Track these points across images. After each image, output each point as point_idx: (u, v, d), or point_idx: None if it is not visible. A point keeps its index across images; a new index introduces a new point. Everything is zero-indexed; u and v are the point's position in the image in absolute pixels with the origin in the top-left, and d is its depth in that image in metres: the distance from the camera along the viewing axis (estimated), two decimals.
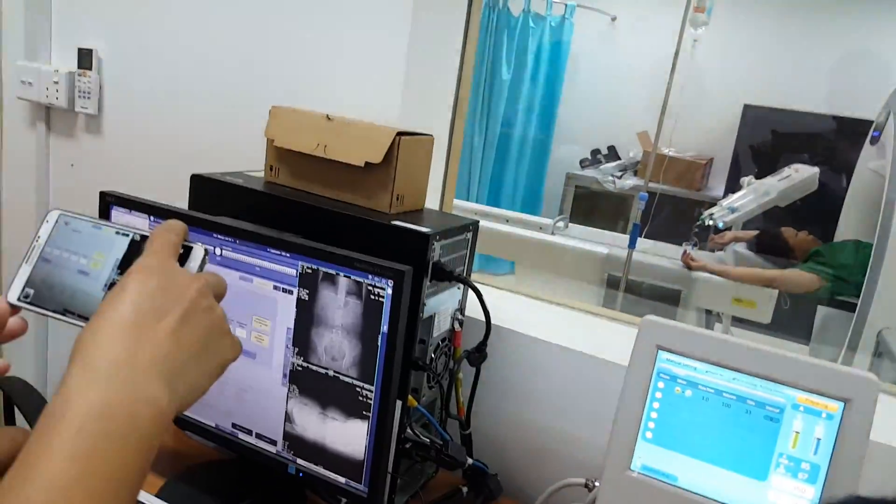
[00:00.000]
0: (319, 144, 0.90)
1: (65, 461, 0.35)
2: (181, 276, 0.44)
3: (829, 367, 0.69)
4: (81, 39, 1.38)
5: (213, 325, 0.45)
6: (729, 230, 2.78)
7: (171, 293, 0.43)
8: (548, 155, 3.86)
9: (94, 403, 0.37)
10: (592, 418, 0.98)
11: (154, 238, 0.46)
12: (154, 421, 0.39)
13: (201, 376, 0.44)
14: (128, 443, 0.37)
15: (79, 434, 0.36)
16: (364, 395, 0.75)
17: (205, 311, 0.44)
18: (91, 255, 0.48)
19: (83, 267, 0.48)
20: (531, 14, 3.58)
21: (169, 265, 0.45)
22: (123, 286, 0.42)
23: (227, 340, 0.46)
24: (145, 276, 0.43)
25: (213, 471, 0.94)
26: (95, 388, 0.38)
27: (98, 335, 0.40)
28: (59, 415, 0.37)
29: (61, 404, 0.37)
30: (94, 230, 0.49)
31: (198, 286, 0.44)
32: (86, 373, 0.39)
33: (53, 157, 1.51)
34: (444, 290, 0.87)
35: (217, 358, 0.45)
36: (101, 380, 0.38)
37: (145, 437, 0.38)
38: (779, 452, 0.72)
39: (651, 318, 0.76)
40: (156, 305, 0.42)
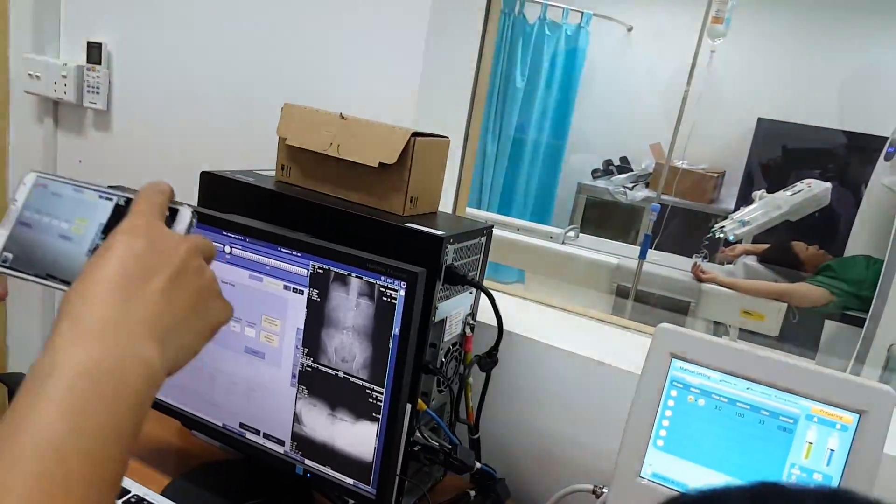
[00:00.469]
0: (332, 144, 0.90)
1: (55, 418, 0.34)
2: (169, 237, 0.43)
3: (845, 379, 0.68)
4: (91, 33, 1.38)
5: (204, 286, 0.44)
6: (739, 243, 2.77)
7: (159, 254, 0.42)
8: (560, 164, 3.85)
9: (84, 361, 0.36)
10: (601, 425, 0.97)
11: (140, 198, 0.45)
12: (146, 380, 0.38)
13: (192, 338, 0.43)
14: (119, 401, 0.37)
15: (69, 391, 0.35)
16: (374, 397, 0.75)
17: (195, 273, 0.43)
18: (73, 220, 0.47)
19: (65, 232, 0.47)
20: (547, 22, 3.58)
21: (156, 226, 0.44)
22: (110, 246, 0.41)
23: (219, 303, 0.46)
24: (132, 237, 0.42)
25: (219, 470, 0.93)
26: (85, 346, 0.37)
27: (86, 294, 0.39)
28: (48, 372, 0.36)
29: (50, 362, 0.36)
30: (76, 194, 0.48)
31: (187, 247, 0.43)
32: (75, 331, 0.38)
33: (61, 152, 1.50)
34: (456, 295, 0.87)
35: (208, 320, 0.44)
36: (91, 338, 0.37)
37: (137, 395, 0.38)
38: (791, 463, 0.71)
39: (665, 326, 0.75)
40: (144, 266, 0.41)
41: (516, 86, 3.63)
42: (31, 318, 1.60)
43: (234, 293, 0.82)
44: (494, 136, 3.68)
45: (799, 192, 2.53)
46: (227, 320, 0.47)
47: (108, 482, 0.36)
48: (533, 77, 3.66)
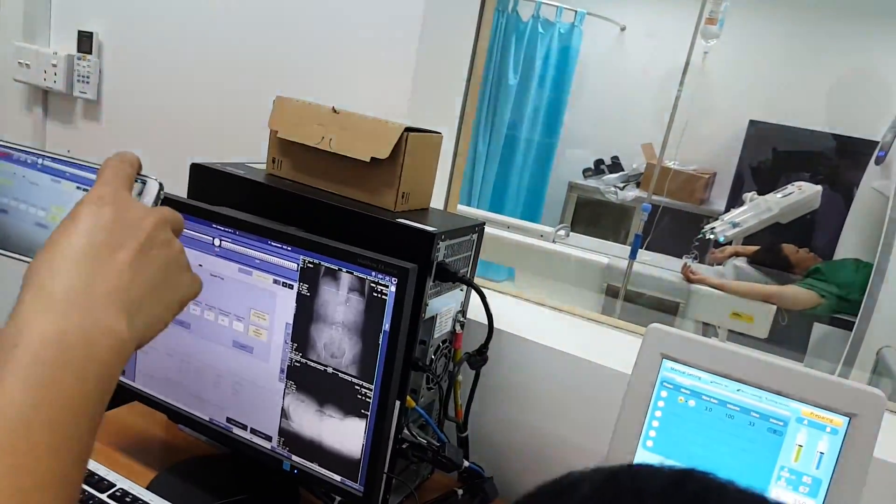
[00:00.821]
0: (325, 137, 0.89)
1: (21, 389, 0.34)
2: (136, 208, 0.43)
3: (836, 382, 0.68)
4: (82, 22, 1.36)
5: (171, 259, 0.43)
6: (729, 244, 2.78)
7: (126, 224, 0.41)
8: (551, 163, 3.85)
9: (51, 331, 0.36)
10: (591, 425, 0.97)
11: (106, 167, 0.44)
12: (113, 351, 0.38)
13: (161, 310, 0.42)
14: (86, 372, 0.36)
15: (34, 362, 0.35)
16: (363, 393, 0.74)
17: (162, 245, 0.43)
18: (49, 209, 0.47)
19: (41, 220, 0.47)
20: (541, 20, 3.58)
21: (122, 196, 0.43)
22: (76, 216, 0.40)
23: (187, 276, 0.45)
24: (98, 207, 0.41)
25: (205, 465, 0.92)
26: (51, 316, 0.36)
27: (52, 264, 0.38)
28: (12, 343, 0.35)
29: (14, 332, 0.36)
30: (53, 185, 0.48)
31: (154, 219, 0.43)
32: (40, 300, 0.37)
33: (50, 142, 1.49)
34: (447, 292, 0.86)
35: (176, 293, 0.44)
36: (57, 308, 0.37)
37: (104, 367, 0.37)
38: (780, 465, 0.71)
39: (656, 326, 0.75)
40: (111, 237, 0.40)
41: (509, 83, 3.63)
42: None
43: (223, 286, 0.80)
44: (486, 134, 3.68)
45: (789, 194, 2.54)
46: (196, 294, 0.46)
47: (75, 454, 0.35)
48: (526, 75, 3.65)
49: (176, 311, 0.44)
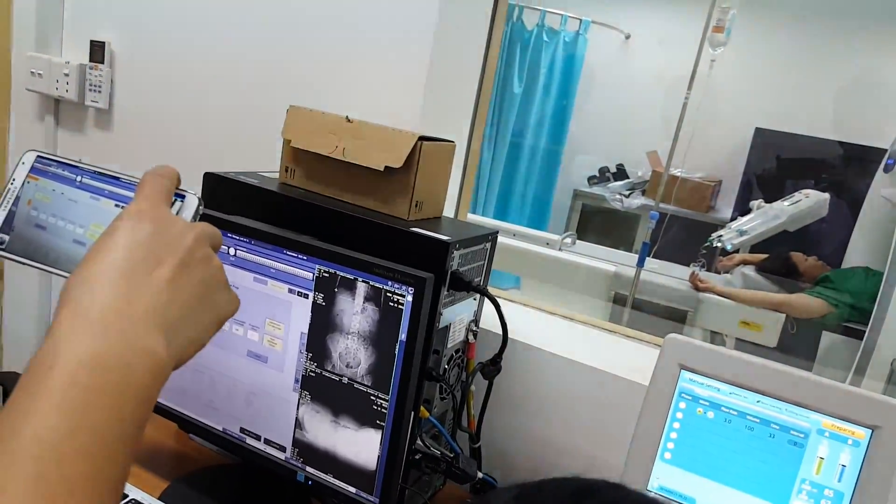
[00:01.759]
0: (338, 147, 0.89)
1: (55, 414, 0.32)
2: (175, 224, 0.42)
3: (857, 394, 0.68)
4: (94, 32, 1.37)
5: (211, 276, 0.42)
6: (737, 253, 2.77)
7: (165, 241, 0.40)
8: (557, 170, 3.85)
9: (87, 353, 0.34)
10: (606, 436, 0.96)
11: (145, 182, 0.43)
12: (151, 373, 0.37)
13: (199, 330, 0.41)
14: (123, 396, 0.35)
15: (70, 386, 0.33)
16: (379, 404, 0.74)
17: (202, 262, 0.41)
18: (87, 226, 0.46)
19: (79, 237, 0.46)
20: (545, 28, 3.58)
21: (162, 212, 0.42)
22: (113, 232, 0.39)
23: (226, 294, 0.44)
24: (136, 223, 0.40)
25: (218, 475, 0.92)
26: (88, 337, 0.35)
27: (89, 282, 0.37)
28: (48, 365, 0.34)
29: (50, 354, 0.34)
30: (92, 202, 0.47)
31: (194, 235, 0.42)
32: (77, 321, 0.36)
33: (61, 150, 1.49)
34: (461, 301, 0.86)
35: (215, 311, 0.43)
36: (94, 328, 0.35)
37: (142, 390, 0.36)
38: (801, 478, 0.70)
39: (674, 336, 0.74)
40: (150, 253, 0.39)
41: (514, 91, 3.63)
42: (26, 315, 1.57)
43: (238, 296, 0.80)
44: (491, 141, 3.68)
45: (797, 202, 2.53)
46: (235, 312, 0.45)
47: (111, 481, 0.34)
48: (531, 83, 3.66)
49: (214, 331, 0.43)
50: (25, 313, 1.57)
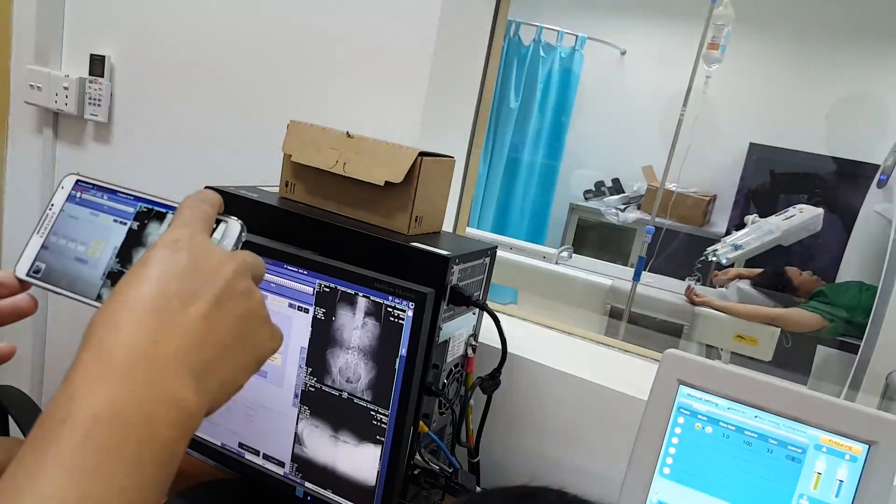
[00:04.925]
0: (338, 161, 0.90)
1: (64, 480, 0.29)
2: (214, 254, 0.38)
3: (855, 409, 0.68)
4: (94, 46, 1.38)
5: (251, 311, 0.38)
6: (732, 267, 2.78)
7: (202, 273, 0.36)
8: (554, 185, 3.88)
9: (105, 403, 0.31)
10: (605, 451, 0.96)
11: (184, 208, 0.40)
12: (177, 426, 0.33)
13: (235, 371, 0.37)
14: (143, 456, 0.31)
15: (83, 446, 0.29)
16: (378, 419, 0.74)
17: (242, 295, 0.37)
18: (109, 231, 0.43)
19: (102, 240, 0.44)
20: (542, 44, 3.62)
21: (200, 239, 0.38)
22: (147, 262, 0.36)
23: (267, 330, 0.40)
24: (173, 252, 0.36)
25: (215, 491, 0.91)
26: (108, 384, 0.31)
27: (115, 319, 0.34)
28: (61, 417, 0.30)
29: (65, 403, 0.31)
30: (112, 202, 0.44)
31: (234, 265, 0.38)
32: (98, 364, 0.32)
33: (60, 164, 1.50)
34: (460, 315, 0.86)
35: (254, 350, 0.38)
36: (117, 373, 0.32)
37: (165, 447, 0.32)
38: (799, 493, 0.70)
39: (673, 351, 0.75)
40: (185, 286, 0.35)
41: (510, 106, 3.66)
42: (22, 326, 1.57)
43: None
44: (487, 156, 3.70)
45: (791, 217, 2.56)
46: (276, 349, 0.41)
47: None
48: (527, 98, 3.68)
49: (252, 371, 0.39)
50: (20, 323, 1.56)
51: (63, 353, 1.53)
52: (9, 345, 0.44)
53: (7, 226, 1.59)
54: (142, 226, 0.44)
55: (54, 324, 1.55)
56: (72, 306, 0.44)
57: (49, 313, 1.55)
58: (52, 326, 1.55)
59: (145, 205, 0.44)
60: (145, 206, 0.44)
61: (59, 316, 1.53)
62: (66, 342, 1.53)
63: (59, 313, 1.52)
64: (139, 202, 0.44)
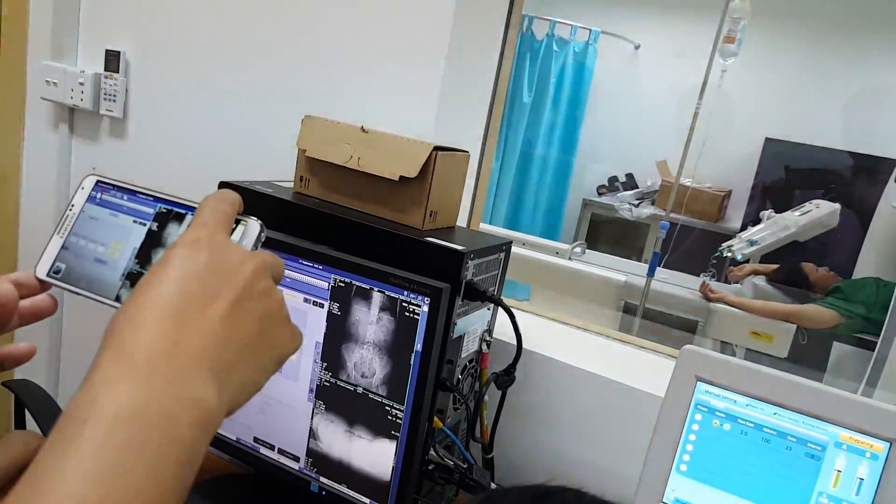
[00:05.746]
0: (353, 156, 0.90)
1: (84, 479, 0.28)
2: (234, 253, 0.38)
3: (875, 406, 0.67)
4: (109, 41, 1.39)
5: (271, 311, 0.38)
6: (748, 263, 2.76)
7: (222, 273, 0.36)
8: (569, 179, 3.86)
9: (127, 403, 0.31)
10: (620, 448, 0.95)
11: (203, 208, 0.40)
12: (198, 426, 0.32)
13: (256, 372, 0.37)
14: (164, 456, 0.31)
15: (105, 444, 0.29)
16: (394, 414, 0.74)
17: (262, 295, 0.38)
18: (129, 231, 0.43)
19: (122, 240, 0.43)
20: (555, 38, 3.60)
21: (221, 240, 0.38)
22: (167, 261, 0.36)
23: (287, 330, 0.40)
24: (193, 252, 0.36)
25: (230, 485, 0.92)
26: (129, 384, 0.31)
27: (136, 319, 0.34)
28: (83, 417, 0.30)
29: (86, 403, 0.31)
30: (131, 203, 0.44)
31: (254, 265, 0.38)
32: (119, 364, 0.32)
33: (75, 159, 1.51)
34: (475, 311, 0.86)
35: (274, 350, 0.39)
36: (138, 374, 0.32)
37: (186, 447, 0.32)
38: (819, 491, 0.69)
39: (690, 347, 0.74)
40: (205, 286, 0.35)
41: (523, 101, 3.65)
42: (38, 323, 1.58)
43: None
44: (500, 151, 3.69)
45: (807, 212, 2.53)
46: (297, 349, 0.41)
47: None
48: (540, 92, 3.67)
49: (272, 371, 0.39)
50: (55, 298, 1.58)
51: (79, 348, 1.55)
52: (29, 345, 0.45)
53: (24, 220, 1.61)
54: (161, 227, 0.44)
55: (70, 318, 1.56)
56: (88, 301, 0.44)
57: (65, 308, 1.57)
58: (69, 321, 1.57)
59: (164, 206, 0.44)
60: (164, 206, 0.44)
61: (76, 311, 1.54)
62: (82, 336, 1.54)
63: (75, 309, 1.54)
64: (158, 203, 0.44)
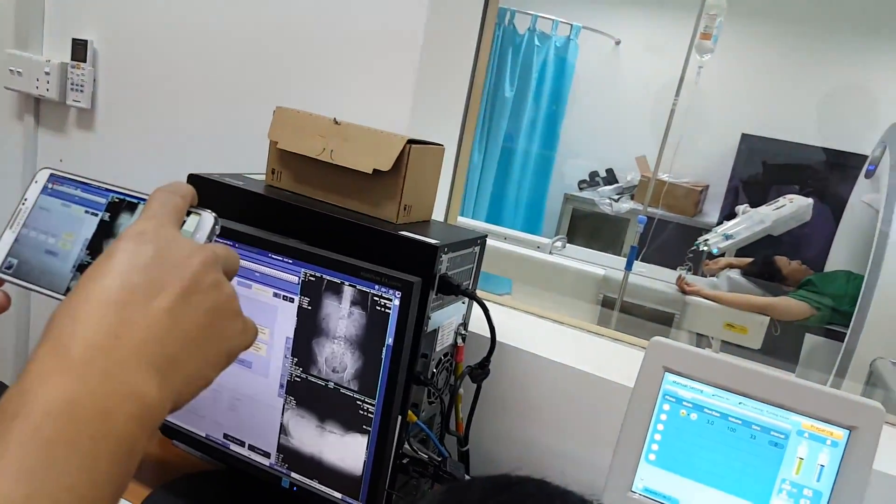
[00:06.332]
0: (325, 149, 0.89)
1: (12, 476, 0.27)
2: (182, 246, 0.37)
3: (836, 395, 0.69)
4: (76, 30, 1.35)
5: (220, 304, 0.37)
6: (723, 256, 2.79)
7: (168, 265, 0.35)
8: (550, 174, 3.88)
9: (59, 398, 0.30)
10: (592, 438, 0.97)
11: (153, 200, 0.39)
12: (136, 420, 0.31)
13: (203, 366, 0.36)
14: (97, 452, 0.30)
15: (33, 441, 0.28)
16: (365, 408, 0.74)
17: (210, 288, 0.37)
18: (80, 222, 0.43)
19: (72, 233, 0.43)
20: (537, 33, 3.60)
21: (168, 232, 0.37)
22: (111, 255, 0.35)
23: (238, 324, 0.39)
24: (138, 245, 0.35)
25: (201, 482, 0.91)
26: (63, 378, 0.30)
27: (76, 312, 0.33)
28: (13, 413, 0.29)
29: (18, 397, 0.30)
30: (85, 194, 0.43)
31: (202, 257, 0.37)
32: (55, 358, 0.31)
33: (42, 150, 1.47)
34: (450, 304, 0.86)
35: (224, 344, 0.38)
36: (73, 368, 0.31)
37: (121, 442, 0.31)
38: (782, 478, 0.71)
39: (659, 339, 0.75)
40: (149, 279, 0.35)
41: (505, 95, 3.65)
42: (5, 318, 1.56)
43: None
44: (482, 145, 3.69)
45: (782, 207, 2.57)
46: (249, 344, 0.40)
47: None
48: (522, 87, 3.68)
49: (223, 366, 0.38)
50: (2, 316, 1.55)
51: None
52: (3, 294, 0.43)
53: None
54: (113, 217, 0.43)
55: (37, 316, 1.54)
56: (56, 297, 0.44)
57: (32, 305, 1.54)
58: (36, 318, 1.55)
59: (117, 195, 0.43)
60: (117, 196, 0.43)
61: (42, 308, 1.52)
62: None
63: (42, 306, 1.51)
64: (111, 193, 0.44)
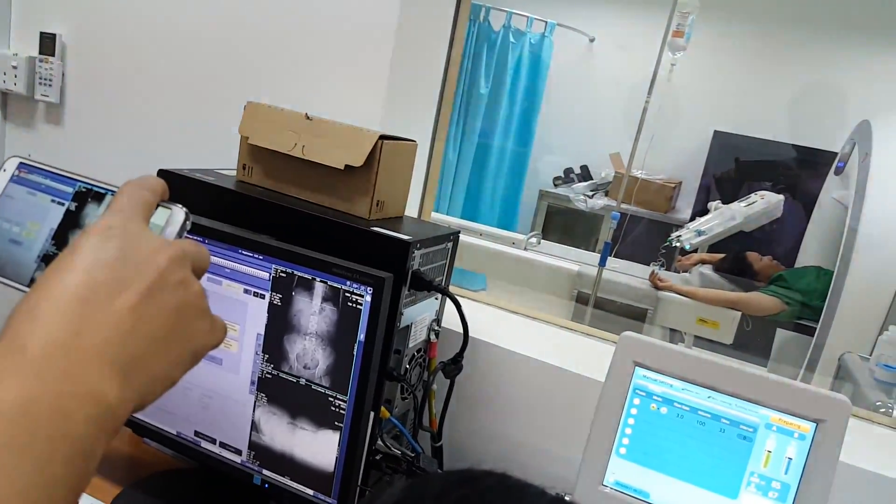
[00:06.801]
0: (297, 144, 0.88)
1: None
2: (149, 242, 0.36)
3: (803, 389, 0.70)
4: (44, 23, 1.33)
5: (187, 303, 0.36)
6: (695, 252, 2.83)
7: (134, 262, 0.34)
8: (525, 171, 3.89)
9: (13, 398, 0.29)
10: (565, 432, 0.97)
11: (121, 194, 0.37)
12: (94, 422, 0.30)
13: (169, 365, 0.35)
14: (52, 454, 0.28)
15: None
16: (337, 405, 0.73)
17: (177, 286, 0.36)
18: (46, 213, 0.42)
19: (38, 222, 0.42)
20: (512, 29, 3.61)
21: (135, 227, 0.36)
22: (75, 250, 0.34)
23: (205, 323, 0.38)
24: (103, 240, 0.34)
25: (172, 480, 0.90)
26: (19, 378, 0.29)
27: (35, 310, 0.32)
28: None
29: None
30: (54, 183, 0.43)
31: (170, 254, 0.36)
32: (12, 357, 0.30)
33: (9, 146, 1.44)
34: (422, 300, 0.86)
35: (190, 343, 0.37)
36: (30, 367, 0.30)
37: (78, 444, 0.30)
38: (750, 471, 0.72)
39: (629, 334, 0.75)
40: (114, 276, 0.33)
41: (480, 91, 3.65)
42: None
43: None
44: (457, 141, 3.69)
45: (753, 203, 2.61)
46: (217, 343, 0.39)
47: None
48: (497, 83, 3.68)
49: (188, 365, 0.37)
50: None
51: None
52: None
53: None
54: (80, 207, 0.42)
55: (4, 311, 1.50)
56: None
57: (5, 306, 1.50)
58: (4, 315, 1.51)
59: (85, 185, 0.43)
60: (84, 186, 0.43)
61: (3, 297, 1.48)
62: None
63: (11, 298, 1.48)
64: (78, 182, 0.43)
